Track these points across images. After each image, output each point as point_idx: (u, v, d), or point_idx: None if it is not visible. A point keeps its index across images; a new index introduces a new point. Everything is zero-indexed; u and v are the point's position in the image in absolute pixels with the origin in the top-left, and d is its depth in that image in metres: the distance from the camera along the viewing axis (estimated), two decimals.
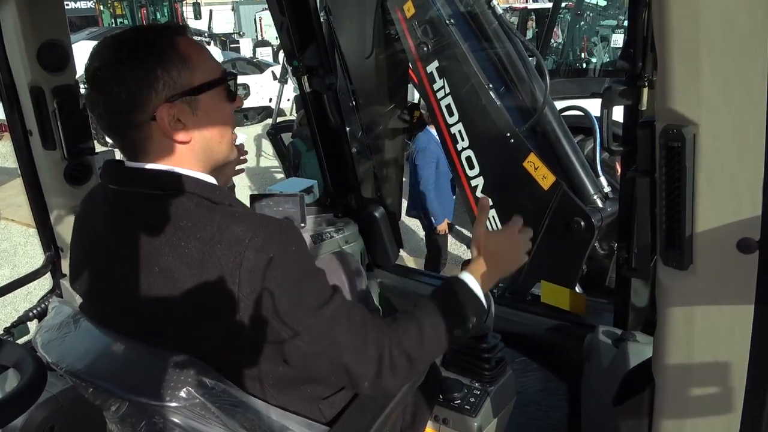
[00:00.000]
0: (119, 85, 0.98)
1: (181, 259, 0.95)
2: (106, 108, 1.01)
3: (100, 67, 1.00)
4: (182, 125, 1.01)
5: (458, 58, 2.75)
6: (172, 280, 0.95)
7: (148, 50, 0.99)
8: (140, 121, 1.00)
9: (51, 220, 1.91)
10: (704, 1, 0.74)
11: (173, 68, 1.00)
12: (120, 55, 0.99)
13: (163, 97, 0.99)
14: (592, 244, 2.51)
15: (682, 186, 0.80)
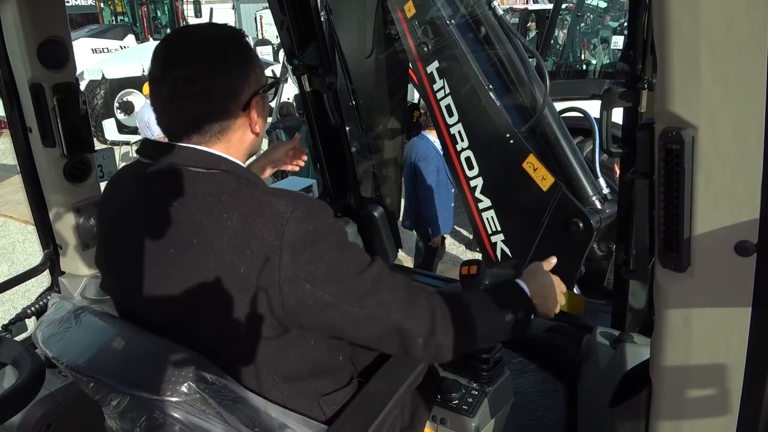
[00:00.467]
0: (222, 75, 1.03)
1: (222, 231, 0.97)
2: (204, 95, 1.03)
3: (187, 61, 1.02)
4: (259, 119, 1.09)
5: (458, 59, 2.74)
6: (211, 252, 0.97)
7: (244, 47, 1.07)
8: (232, 110, 1.05)
9: (50, 217, 1.91)
10: (705, 3, 0.74)
11: (257, 64, 1.08)
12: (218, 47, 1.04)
13: (251, 91, 1.06)
14: (590, 245, 2.51)
15: (681, 188, 0.81)
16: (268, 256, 0.95)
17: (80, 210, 1.90)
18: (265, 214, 0.97)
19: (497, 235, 2.84)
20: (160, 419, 0.95)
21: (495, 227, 2.85)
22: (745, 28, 0.74)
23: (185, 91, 1.03)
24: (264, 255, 0.95)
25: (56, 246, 1.95)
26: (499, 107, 2.67)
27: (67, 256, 1.94)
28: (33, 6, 1.65)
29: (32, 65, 1.70)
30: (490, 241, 2.87)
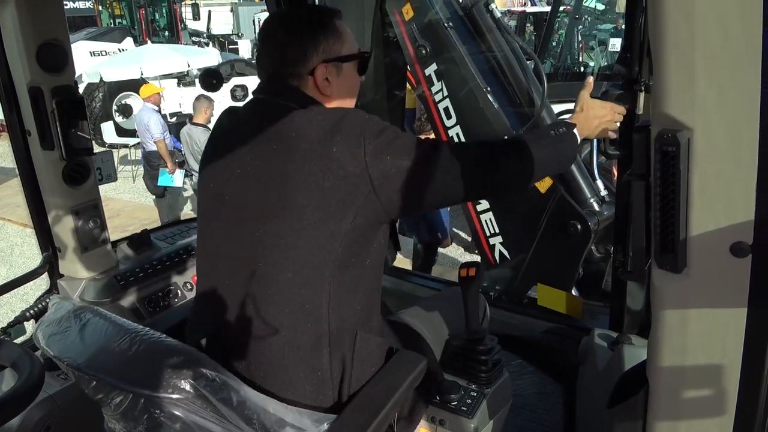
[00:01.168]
0: (293, 45, 1.33)
1: (317, 126, 1.23)
2: (279, 60, 1.35)
3: (278, 30, 1.36)
4: (328, 83, 1.35)
5: (456, 61, 2.75)
6: (307, 141, 1.22)
7: (316, 23, 1.35)
8: (301, 72, 1.34)
9: (49, 220, 1.91)
10: (699, 8, 0.75)
11: (331, 38, 1.35)
12: (295, 24, 1.35)
13: (320, 59, 1.34)
14: (588, 247, 2.51)
15: (677, 190, 0.81)
16: (356, 139, 1.21)
17: (79, 213, 1.91)
18: (350, 114, 1.27)
19: (495, 237, 2.84)
20: (161, 417, 0.96)
21: (493, 229, 2.85)
22: (739, 33, 0.75)
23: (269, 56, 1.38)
24: (351, 137, 1.21)
25: (55, 249, 1.96)
26: (497, 109, 2.67)
27: (66, 259, 1.95)
28: (32, 9, 1.65)
29: (31, 68, 1.70)
30: (489, 243, 2.87)
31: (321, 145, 1.21)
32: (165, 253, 2.14)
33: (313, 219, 1.21)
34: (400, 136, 1.27)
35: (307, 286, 1.24)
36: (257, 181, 1.27)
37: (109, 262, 2.02)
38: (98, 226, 1.96)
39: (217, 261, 1.35)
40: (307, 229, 1.22)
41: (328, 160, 1.20)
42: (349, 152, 1.20)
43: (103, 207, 2.01)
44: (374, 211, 1.25)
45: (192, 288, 2.12)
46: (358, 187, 1.21)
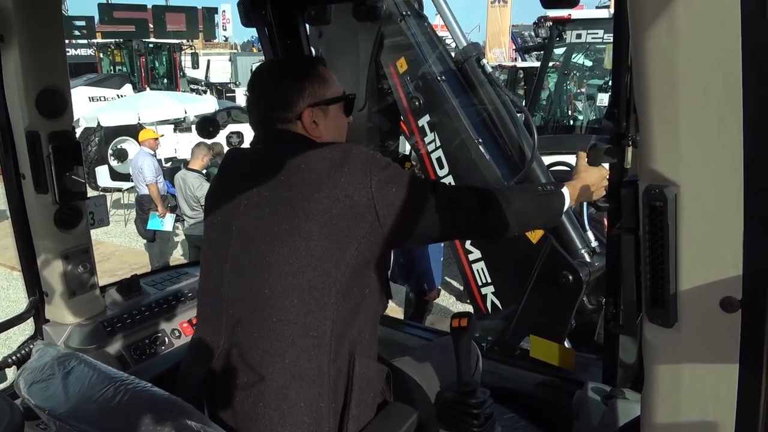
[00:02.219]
0: (277, 92, 1.41)
1: (325, 159, 1.30)
2: (268, 106, 1.43)
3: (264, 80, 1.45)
4: (316, 126, 1.42)
5: (449, 113, 2.82)
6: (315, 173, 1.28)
7: (300, 71, 1.44)
8: (289, 117, 1.41)
9: (38, 264, 1.89)
10: (681, 67, 0.78)
11: (315, 83, 1.43)
12: (280, 72, 1.45)
13: (306, 103, 1.41)
14: (580, 298, 2.51)
15: (666, 244, 0.82)
16: (363, 170, 1.28)
17: (69, 257, 1.89)
18: (356, 150, 1.32)
19: (487, 287, 2.84)
20: None
21: (485, 279, 2.85)
22: (720, 91, 0.77)
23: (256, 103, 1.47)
24: (358, 170, 1.28)
25: (42, 293, 1.93)
26: (489, 160, 2.72)
27: (53, 303, 1.92)
28: (35, 55, 1.69)
29: (30, 113, 1.72)
30: (481, 293, 2.86)
31: (329, 175, 1.27)
32: (154, 299, 2.12)
33: (320, 246, 1.25)
34: (403, 172, 1.35)
35: (312, 313, 1.26)
36: (265, 209, 1.31)
37: (96, 308, 1.99)
38: (87, 270, 1.94)
39: (222, 290, 1.36)
40: (314, 257, 1.25)
41: (336, 189, 1.26)
42: (356, 182, 1.27)
43: (93, 251, 2.00)
44: (377, 241, 1.30)
45: (180, 335, 2.08)
46: (363, 217, 1.26)
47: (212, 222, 1.45)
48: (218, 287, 1.38)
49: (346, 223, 1.26)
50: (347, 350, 1.31)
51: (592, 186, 1.61)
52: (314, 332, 1.26)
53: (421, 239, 1.42)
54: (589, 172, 1.62)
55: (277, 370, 1.25)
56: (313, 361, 1.26)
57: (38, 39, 1.68)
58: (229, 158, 1.56)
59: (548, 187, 1.53)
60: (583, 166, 1.63)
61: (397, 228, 1.30)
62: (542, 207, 1.52)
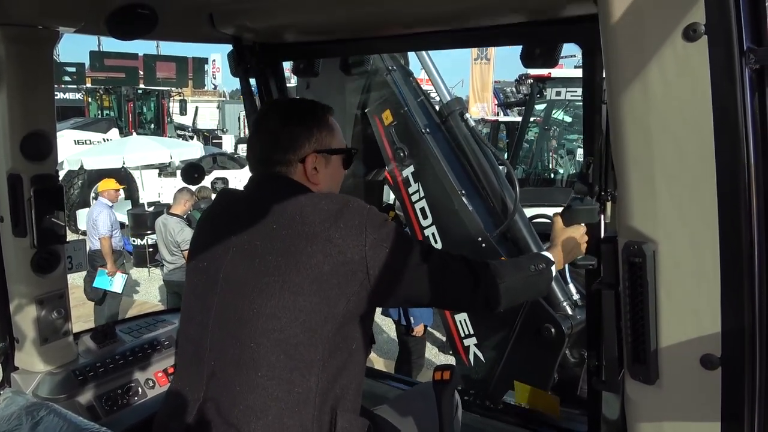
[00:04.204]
0: (285, 134, 1.39)
1: (320, 212, 1.26)
2: (271, 146, 1.40)
3: (273, 119, 1.43)
4: (316, 172, 1.41)
5: (432, 165, 2.87)
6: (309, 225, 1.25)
7: (311, 116, 1.44)
8: (291, 160, 1.39)
9: (10, 308, 1.84)
10: (657, 132, 0.81)
11: (324, 131, 1.43)
12: (291, 114, 1.43)
13: (312, 148, 1.40)
14: (562, 351, 2.50)
15: (645, 300, 0.83)
16: (358, 227, 1.25)
17: (43, 302, 1.84)
18: (351, 204, 1.29)
19: (470, 338, 2.81)
20: None
21: (468, 330, 2.83)
22: (694, 151, 0.81)
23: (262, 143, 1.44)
24: (354, 226, 1.25)
25: (13, 339, 1.86)
26: (472, 211, 2.75)
27: (23, 350, 1.85)
28: (22, 99, 1.69)
29: (13, 156, 1.71)
30: (463, 344, 2.84)
31: (324, 228, 1.24)
32: (129, 347, 2.06)
33: (309, 301, 1.22)
34: (399, 233, 1.32)
35: (298, 369, 1.23)
36: (255, 259, 1.27)
37: (68, 356, 1.92)
38: (62, 316, 1.89)
39: (204, 340, 1.31)
40: (302, 312, 1.22)
41: (329, 245, 1.23)
42: (350, 239, 1.24)
43: (69, 296, 1.95)
44: (366, 299, 1.27)
45: (154, 385, 2.02)
46: (355, 274, 1.24)
47: (198, 266, 1.41)
48: (201, 337, 1.33)
49: (337, 279, 1.23)
50: (330, 406, 1.27)
51: (572, 248, 1.61)
52: (299, 388, 1.23)
53: (408, 303, 1.41)
54: (567, 234, 1.61)
55: (259, 427, 1.21)
56: (296, 418, 1.22)
57: (27, 83, 1.69)
58: (222, 199, 1.53)
59: (540, 265, 1.49)
60: (559, 230, 1.62)
61: (384, 289, 1.28)
62: (532, 286, 1.50)
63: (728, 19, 0.75)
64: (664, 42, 0.79)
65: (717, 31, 0.76)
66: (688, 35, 0.77)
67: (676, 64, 0.79)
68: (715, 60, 0.76)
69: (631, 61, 0.82)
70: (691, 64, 0.78)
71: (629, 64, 0.82)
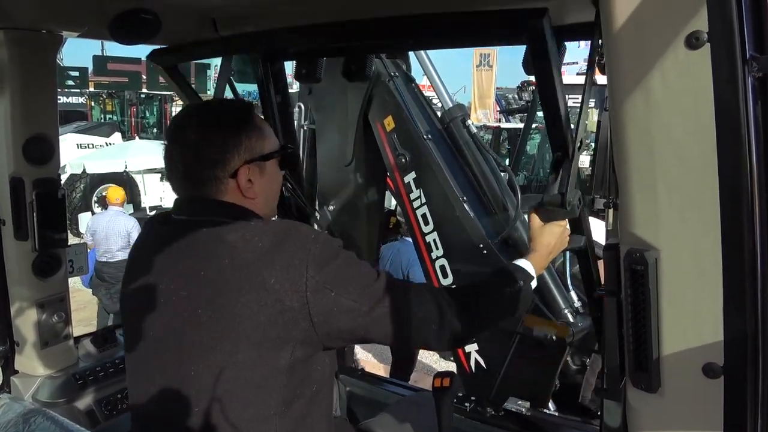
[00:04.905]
0: (210, 145, 1.18)
1: (254, 250, 1.10)
2: (194, 161, 1.19)
3: (191, 128, 1.21)
4: (251, 185, 1.22)
5: (434, 171, 2.87)
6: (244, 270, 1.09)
7: (235, 119, 1.22)
8: (221, 176, 1.19)
9: (11, 312, 1.84)
10: (658, 138, 0.81)
11: (253, 137, 1.22)
12: (211, 121, 1.22)
13: (242, 160, 1.20)
14: (564, 358, 2.49)
15: (647, 308, 0.83)
16: (297, 269, 1.08)
17: (44, 306, 1.84)
18: (293, 235, 1.13)
19: (471, 345, 2.80)
20: None
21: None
22: (696, 161, 0.80)
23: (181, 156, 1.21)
24: (292, 268, 1.08)
25: (13, 343, 1.86)
26: (473, 218, 2.75)
27: (24, 354, 1.85)
28: (25, 103, 1.70)
29: (16, 160, 1.71)
30: (464, 351, 2.83)
31: (257, 271, 1.08)
32: None
33: (249, 357, 1.09)
34: (350, 267, 1.15)
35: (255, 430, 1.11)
36: (183, 313, 1.13)
37: (68, 359, 1.92)
38: (62, 320, 1.89)
39: (147, 406, 1.19)
40: (243, 368, 1.09)
41: (264, 293, 1.07)
42: (288, 284, 1.08)
43: (69, 300, 1.95)
44: (313, 345, 1.14)
45: None
46: (296, 323, 1.09)
47: (129, 324, 1.27)
48: (142, 405, 1.21)
49: (277, 331, 1.08)
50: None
51: (554, 247, 1.46)
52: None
53: (366, 341, 1.25)
54: (545, 232, 1.46)
55: None
56: None
57: (31, 87, 1.70)
58: (149, 234, 1.33)
59: (516, 284, 1.32)
60: (538, 229, 1.46)
61: (334, 336, 1.14)
62: (509, 309, 1.35)
63: (731, 27, 0.75)
64: (667, 49, 0.79)
65: (719, 39, 0.76)
66: (691, 43, 0.77)
67: (678, 71, 0.79)
68: (718, 68, 0.76)
69: (633, 69, 0.82)
70: (694, 72, 0.78)
71: (631, 71, 0.82)
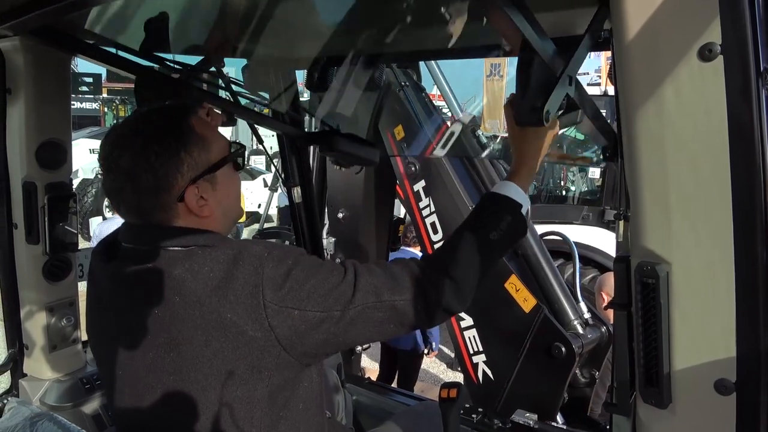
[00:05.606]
0: (146, 171, 1.03)
1: (205, 283, 1.00)
2: (133, 191, 1.05)
3: (121, 154, 1.04)
4: (205, 201, 1.08)
5: (443, 179, 2.87)
6: (197, 306, 0.99)
7: (169, 134, 1.04)
8: (167, 203, 1.06)
9: (21, 315, 1.85)
10: (671, 151, 0.80)
11: (194, 149, 1.06)
12: (143, 141, 1.04)
13: (188, 179, 1.05)
14: (573, 371, 2.47)
15: (658, 322, 0.82)
16: (252, 296, 0.99)
17: (53, 309, 1.85)
18: (244, 258, 1.01)
19: (479, 355, 2.79)
20: None
21: (477, 347, 2.80)
22: (709, 174, 0.79)
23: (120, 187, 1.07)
24: (247, 297, 0.99)
25: (22, 346, 1.87)
26: None
27: (32, 357, 1.86)
28: (39, 109, 1.71)
29: (29, 164, 1.73)
30: (472, 361, 2.81)
31: (211, 311, 0.99)
32: None
33: (221, 394, 1.02)
34: (310, 276, 1.03)
35: None
36: (148, 353, 1.05)
37: (76, 363, 1.93)
38: (71, 324, 1.90)
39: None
40: (218, 404, 1.03)
41: (223, 328, 0.99)
42: (246, 314, 0.99)
43: (79, 304, 1.96)
44: (292, 367, 1.06)
45: None
46: (264, 351, 1.01)
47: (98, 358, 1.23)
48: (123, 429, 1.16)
49: (246, 362, 1.01)
50: None
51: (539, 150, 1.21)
52: None
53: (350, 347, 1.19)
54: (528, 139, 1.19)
55: None
56: None
57: (44, 93, 1.71)
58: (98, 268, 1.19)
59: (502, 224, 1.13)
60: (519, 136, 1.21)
61: (311, 351, 1.06)
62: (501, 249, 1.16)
63: (745, 39, 0.75)
64: (679, 61, 0.78)
65: (733, 51, 0.75)
66: (704, 55, 0.76)
67: (691, 83, 0.78)
68: (731, 80, 0.76)
69: (645, 80, 0.81)
70: (707, 84, 0.77)
71: (643, 82, 0.81)
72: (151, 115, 1.10)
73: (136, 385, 1.07)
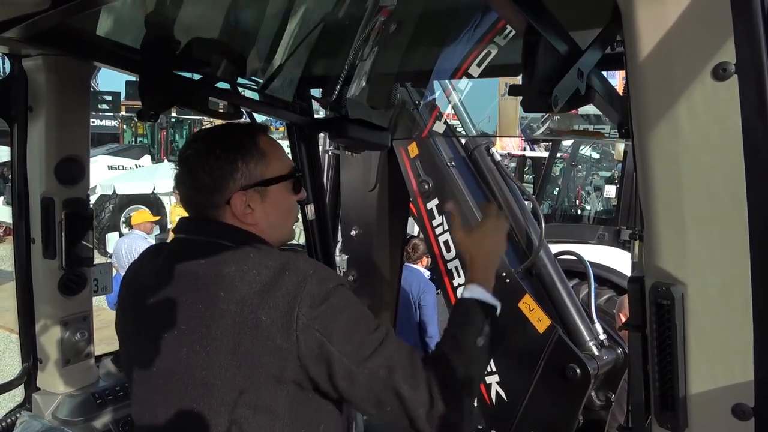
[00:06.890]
0: (204, 170, 1.18)
1: (250, 284, 1.08)
2: (191, 186, 1.21)
3: (192, 153, 1.21)
4: (251, 210, 1.20)
5: (457, 198, 2.86)
6: (239, 304, 1.07)
7: (233, 143, 1.20)
8: (217, 202, 1.19)
9: (36, 329, 1.87)
10: (686, 171, 0.79)
11: (251, 161, 1.19)
12: (210, 146, 1.20)
13: (239, 185, 1.19)
14: (588, 393, 2.42)
15: (674, 344, 0.80)
16: (289, 306, 1.05)
17: (68, 324, 1.87)
18: (290, 270, 1.09)
19: (492, 376, 2.75)
20: None
21: (490, 367, 2.76)
22: (725, 194, 0.78)
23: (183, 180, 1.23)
24: (285, 305, 1.06)
25: (36, 360, 1.89)
26: None
27: (46, 371, 1.87)
28: (59, 127, 1.75)
29: (48, 180, 1.76)
30: (485, 382, 2.77)
31: (251, 309, 1.07)
32: None
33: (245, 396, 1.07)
34: (344, 312, 1.09)
35: None
36: (183, 350, 1.12)
37: (89, 378, 1.94)
38: (85, 338, 1.91)
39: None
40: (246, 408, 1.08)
41: (256, 329, 1.06)
42: (279, 321, 1.06)
43: (93, 319, 1.98)
44: (306, 383, 1.11)
45: None
46: (286, 362, 1.07)
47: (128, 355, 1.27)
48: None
49: (272, 370, 1.07)
50: None
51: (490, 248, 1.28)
52: None
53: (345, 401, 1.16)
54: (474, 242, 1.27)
55: None
56: None
57: (66, 111, 1.75)
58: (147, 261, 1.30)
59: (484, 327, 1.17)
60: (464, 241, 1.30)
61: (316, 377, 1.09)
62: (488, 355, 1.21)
63: (759, 59, 0.74)
64: (693, 81, 0.78)
65: (748, 70, 0.75)
66: (718, 74, 0.76)
67: (705, 103, 0.77)
68: (746, 99, 0.75)
69: (659, 100, 0.81)
70: (721, 104, 0.77)
71: (657, 102, 0.81)
72: (228, 126, 1.28)
73: (169, 379, 1.13)
